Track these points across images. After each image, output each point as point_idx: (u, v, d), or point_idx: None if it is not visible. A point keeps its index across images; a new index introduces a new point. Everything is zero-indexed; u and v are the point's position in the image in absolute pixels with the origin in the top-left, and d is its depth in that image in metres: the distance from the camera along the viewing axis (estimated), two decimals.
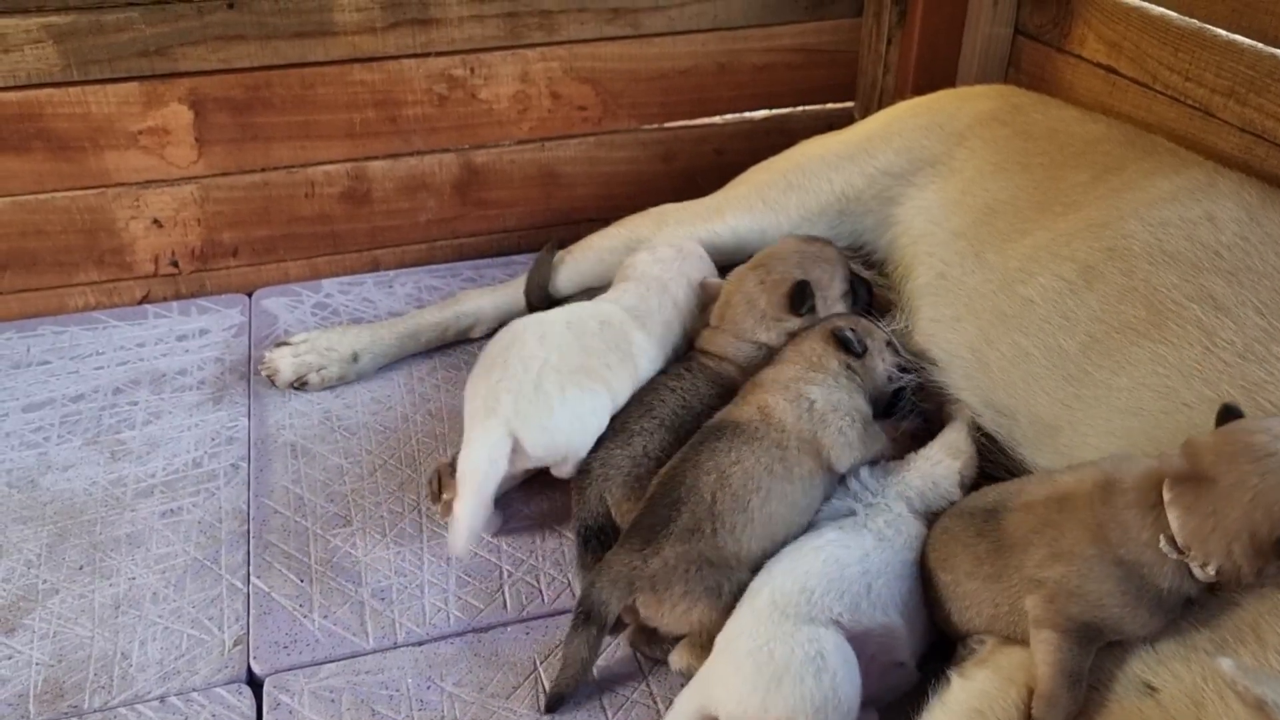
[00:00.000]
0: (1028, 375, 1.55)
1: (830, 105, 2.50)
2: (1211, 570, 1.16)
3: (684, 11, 2.26)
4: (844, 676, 1.23)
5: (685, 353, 1.77)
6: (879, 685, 1.32)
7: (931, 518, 1.45)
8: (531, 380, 1.55)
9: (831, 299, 1.72)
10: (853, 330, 1.60)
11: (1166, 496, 1.19)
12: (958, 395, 1.64)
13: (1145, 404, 1.42)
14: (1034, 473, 1.50)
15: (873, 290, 1.81)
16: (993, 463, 1.59)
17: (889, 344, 1.66)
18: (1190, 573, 1.18)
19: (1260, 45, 1.77)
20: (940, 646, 1.40)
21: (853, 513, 1.44)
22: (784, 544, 1.41)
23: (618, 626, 1.45)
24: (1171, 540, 1.18)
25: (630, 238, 1.96)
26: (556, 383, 1.55)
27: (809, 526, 1.45)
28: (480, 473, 1.49)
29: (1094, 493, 1.27)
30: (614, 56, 2.27)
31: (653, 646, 1.46)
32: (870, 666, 1.28)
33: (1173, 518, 1.18)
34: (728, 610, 1.34)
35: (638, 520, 1.43)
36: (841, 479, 1.51)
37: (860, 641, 1.28)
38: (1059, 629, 1.22)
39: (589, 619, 1.36)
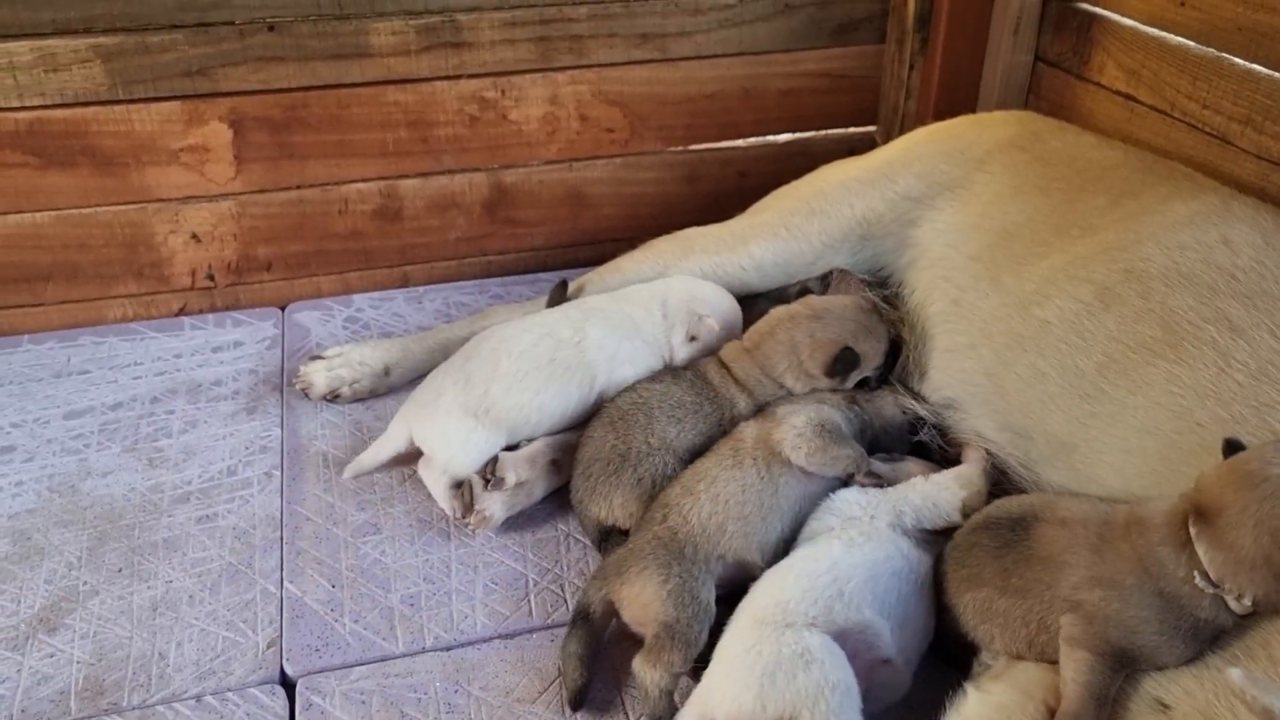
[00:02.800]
0: (1044, 395, 1.58)
1: (853, 129, 2.54)
2: (1248, 601, 1.19)
3: (710, 37, 2.32)
4: (833, 665, 1.26)
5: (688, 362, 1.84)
6: (868, 683, 1.33)
7: (921, 537, 1.49)
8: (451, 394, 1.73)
9: (869, 370, 1.76)
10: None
11: (1192, 533, 1.22)
12: (972, 424, 1.66)
13: (1160, 423, 1.45)
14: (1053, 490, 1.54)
15: (897, 347, 1.84)
16: (1004, 491, 1.61)
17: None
18: (1226, 605, 1.21)
19: (1276, 74, 1.80)
20: (952, 657, 1.43)
21: (831, 529, 1.48)
22: (755, 534, 1.49)
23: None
24: (1206, 575, 1.20)
25: (656, 261, 2.00)
26: (454, 409, 1.72)
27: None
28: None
29: (1130, 526, 1.29)
30: (641, 80, 2.33)
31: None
32: (855, 664, 1.31)
33: (1201, 553, 1.21)
34: (674, 598, 1.40)
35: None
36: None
37: (839, 640, 1.31)
38: (1095, 651, 1.23)
39: (580, 616, 1.45)
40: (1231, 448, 1.25)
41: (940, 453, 1.71)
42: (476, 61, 2.23)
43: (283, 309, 2.31)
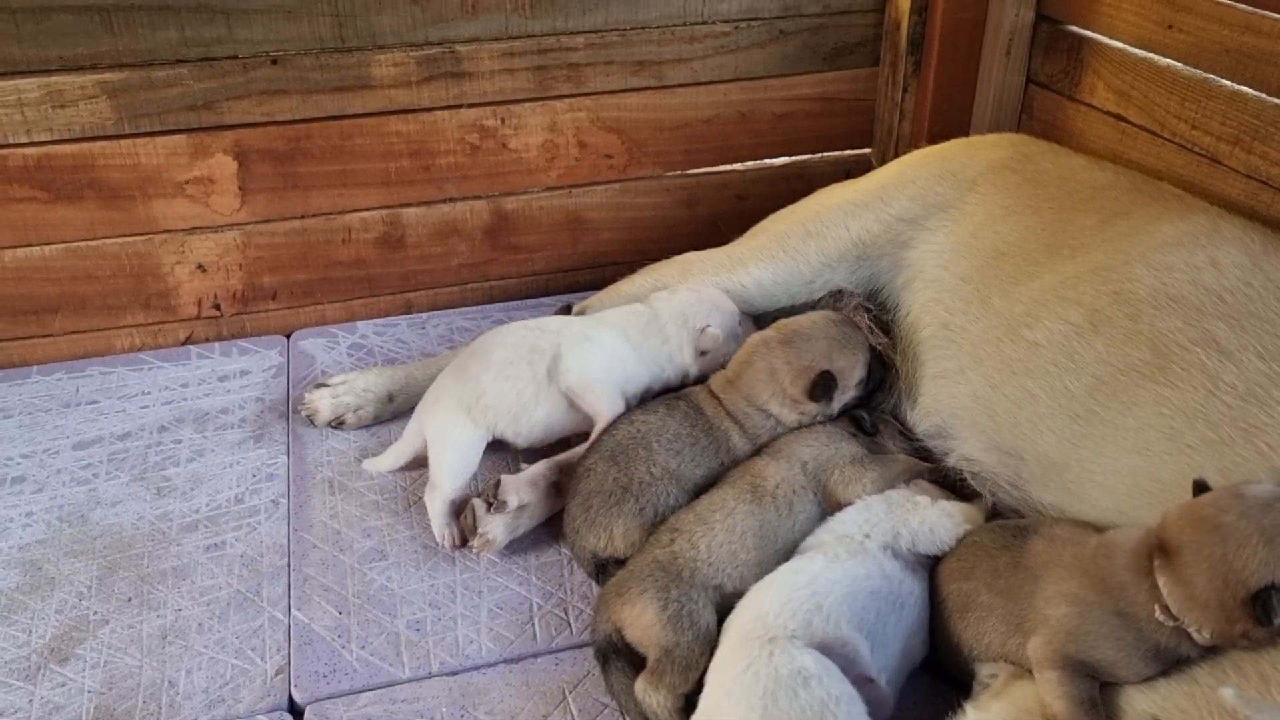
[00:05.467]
0: (1034, 416, 1.60)
1: (849, 152, 2.57)
2: (1207, 635, 1.23)
3: (706, 63, 2.35)
4: (830, 679, 1.29)
5: (682, 388, 1.86)
6: None
7: (913, 560, 1.51)
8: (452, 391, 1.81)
9: (850, 386, 1.77)
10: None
11: (1155, 564, 1.26)
12: (961, 449, 1.69)
13: (1150, 444, 1.47)
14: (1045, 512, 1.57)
15: (885, 364, 1.87)
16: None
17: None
18: (1189, 636, 1.25)
19: (1264, 96, 1.83)
20: (951, 677, 1.45)
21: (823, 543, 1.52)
22: (767, 567, 1.50)
23: None
24: (1165, 609, 1.25)
25: (655, 285, 2.03)
26: (451, 403, 1.79)
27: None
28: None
29: (1099, 549, 1.35)
30: (639, 106, 2.36)
31: None
32: None
33: (1161, 586, 1.26)
34: (674, 622, 1.42)
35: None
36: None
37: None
38: (1060, 666, 1.28)
39: (603, 652, 1.47)
40: (1199, 488, 1.29)
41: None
42: (476, 91, 2.26)
43: (288, 337, 2.34)
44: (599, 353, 1.83)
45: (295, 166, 2.24)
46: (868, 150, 2.58)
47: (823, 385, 1.72)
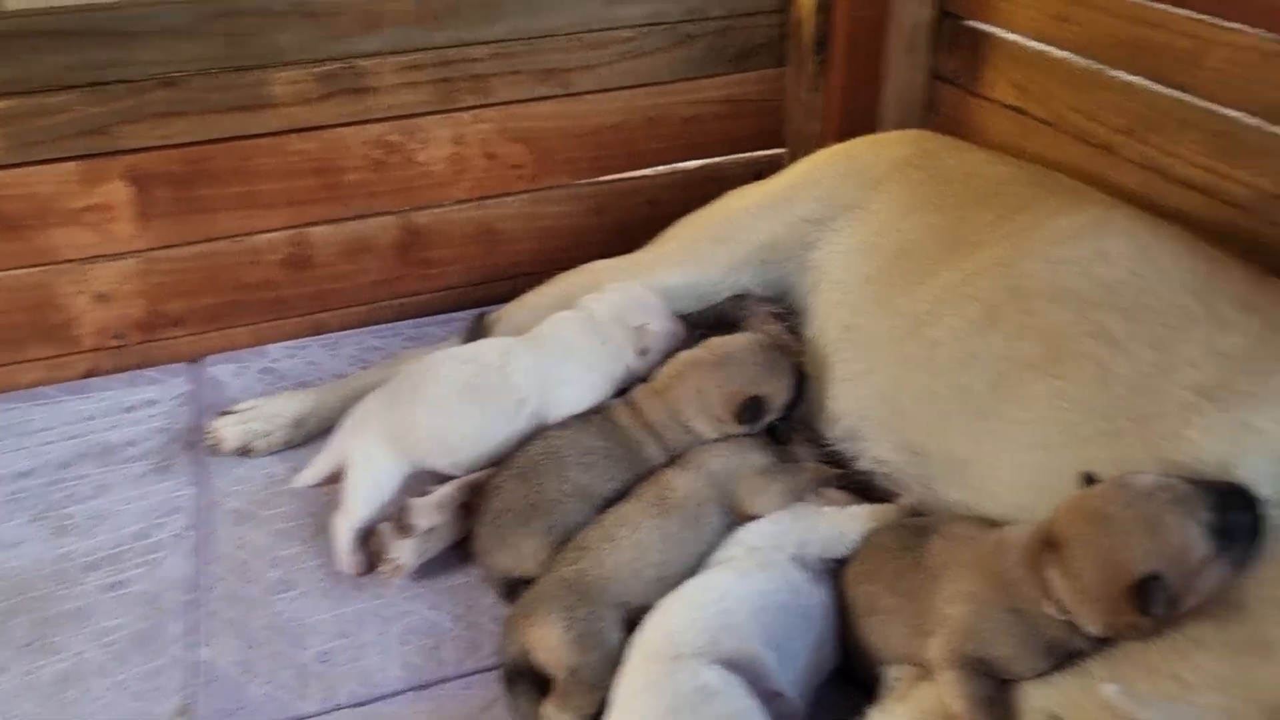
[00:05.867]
0: (938, 414, 1.61)
1: (761, 153, 2.57)
2: (1096, 627, 1.24)
3: (613, 69, 2.34)
4: (732, 694, 1.28)
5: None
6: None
7: (823, 568, 1.51)
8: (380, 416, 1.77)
9: (776, 408, 1.76)
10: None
11: (1045, 559, 1.27)
12: (872, 450, 1.69)
13: (1049, 438, 1.48)
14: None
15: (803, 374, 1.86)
16: None
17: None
18: (1079, 629, 1.26)
19: (1155, 86, 1.85)
20: (859, 681, 1.45)
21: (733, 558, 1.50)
22: (672, 582, 1.48)
23: None
24: (1056, 603, 1.26)
25: (562, 295, 2.00)
26: (377, 430, 1.74)
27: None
28: None
29: (995, 546, 1.35)
30: (546, 115, 2.34)
31: None
32: None
33: (1051, 580, 1.26)
34: (580, 642, 1.40)
35: None
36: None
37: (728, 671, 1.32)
38: (958, 665, 1.28)
39: (510, 675, 1.44)
40: (1087, 481, 1.30)
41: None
42: (380, 106, 2.23)
43: (196, 364, 2.29)
44: (571, 390, 1.79)
45: (196, 190, 2.19)
46: (781, 150, 2.58)
47: (750, 410, 1.71)
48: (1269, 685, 1.16)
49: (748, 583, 1.45)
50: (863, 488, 1.70)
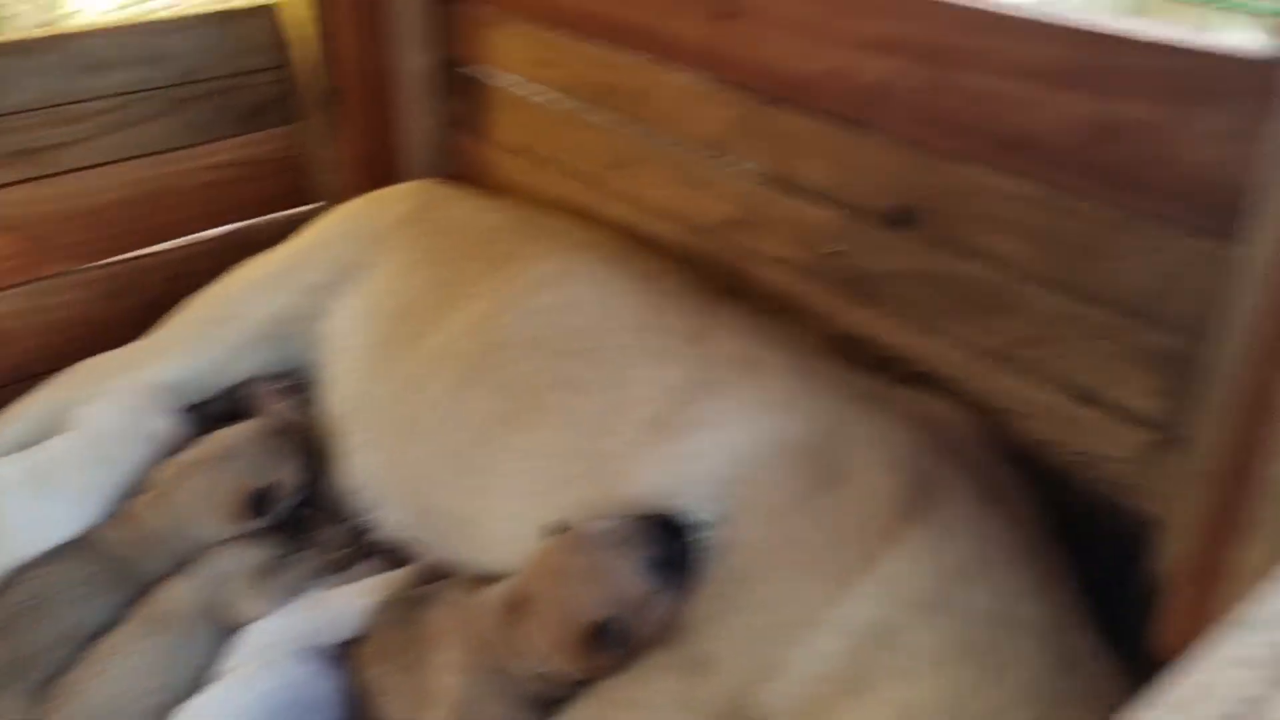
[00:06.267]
0: (438, 476, 1.62)
1: (297, 210, 2.48)
2: (575, 674, 1.29)
3: (99, 144, 2.16)
4: None
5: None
6: None
7: (332, 656, 1.48)
8: None
9: (289, 493, 1.69)
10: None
11: (518, 615, 1.30)
12: (390, 517, 1.68)
13: (535, 487, 1.52)
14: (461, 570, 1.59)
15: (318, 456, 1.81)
16: None
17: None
18: (560, 678, 1.30)
19: (623, 124, 1.96)
20: None
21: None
22: (169, 704, 1.40)
23: None
24: (534, 656, 1.29)
25: (52, 400, 1.84)
26: None
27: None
28: None
29: (475, 608, 1.37)
30: (30, 200, 2.12)
31: None
32: None
33: (526, 635, 1.30)
34: None
35: None
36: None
37: None
38: None
39: None
40: (555, 531, 1.35)
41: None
42: None
43: None
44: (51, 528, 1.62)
45: None
46: (321, 204, 2.51)
47: (259, 502, 1.63)
48: (713, 698, 1.25)
49: (247, 690, 1.39)
50: (398, 557, 1.68)
